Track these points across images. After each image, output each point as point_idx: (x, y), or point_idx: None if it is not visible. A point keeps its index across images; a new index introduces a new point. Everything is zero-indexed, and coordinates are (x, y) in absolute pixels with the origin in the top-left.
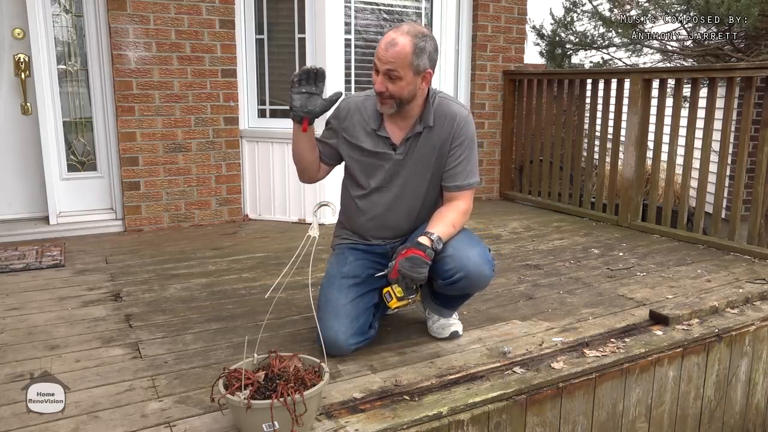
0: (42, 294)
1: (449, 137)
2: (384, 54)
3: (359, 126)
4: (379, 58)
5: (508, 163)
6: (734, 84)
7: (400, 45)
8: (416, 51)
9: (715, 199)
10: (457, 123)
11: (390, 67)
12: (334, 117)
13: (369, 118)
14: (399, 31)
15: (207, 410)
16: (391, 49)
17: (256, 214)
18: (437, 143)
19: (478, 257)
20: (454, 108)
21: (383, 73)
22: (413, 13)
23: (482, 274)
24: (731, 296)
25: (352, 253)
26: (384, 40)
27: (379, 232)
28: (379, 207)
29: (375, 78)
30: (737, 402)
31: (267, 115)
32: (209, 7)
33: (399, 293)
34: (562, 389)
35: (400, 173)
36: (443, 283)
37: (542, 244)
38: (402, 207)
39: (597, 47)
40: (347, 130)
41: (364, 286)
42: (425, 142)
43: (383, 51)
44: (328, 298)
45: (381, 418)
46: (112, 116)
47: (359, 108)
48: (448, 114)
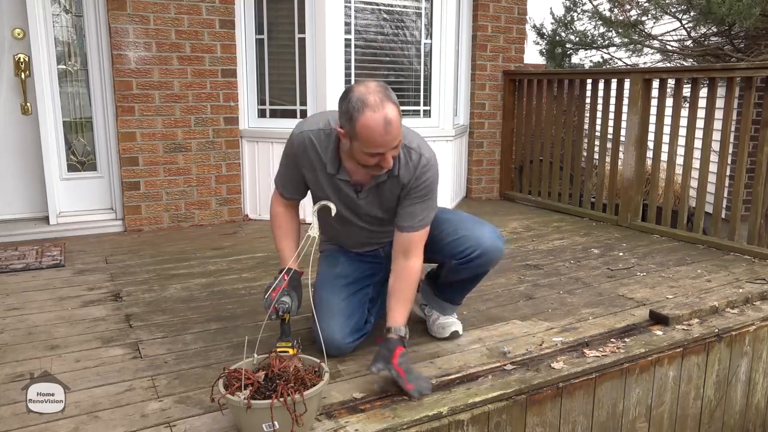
0: (42, 294)
1: (411, 179)
2: (386, 138)
3: (317, 165)
4: (382, 144)
5: (508, 163)
6: (734, 84)
7: (394, 118)
8: (398, 108)
9: (715, 199)
10: (421, 167)
11: (396, 143)
12: (291, 153)
13: (326, 160)
14: (378, 103)
15: (207, 410)
16: (392, 128)
17: (256, 214)
18: (400, 186)
19: (491, 233)
20: (423, 159)
21: (390, 152)
22: (413, 13)
23: (497, 248)
24: (731, 296)
25: (343, 254)
26: (375, 126)
27: (360, 247)
28: (360, 232)
29: (369, 159)
30: (737, 402)
31: (267, 115)
32: (209, 7)
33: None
34: (562, 389)
35: (371, 210)
36: (458, 263)
37: (542, 244)
38: (383, 226)
39: (597, 47)
40: (310, 164)
41: (356, 284)
42: (390, 186)
43: (384, 136)
44: (322, 298)
45: (381, 418)
46: (112, 116)
47: (314, 145)
48: (413, 158)
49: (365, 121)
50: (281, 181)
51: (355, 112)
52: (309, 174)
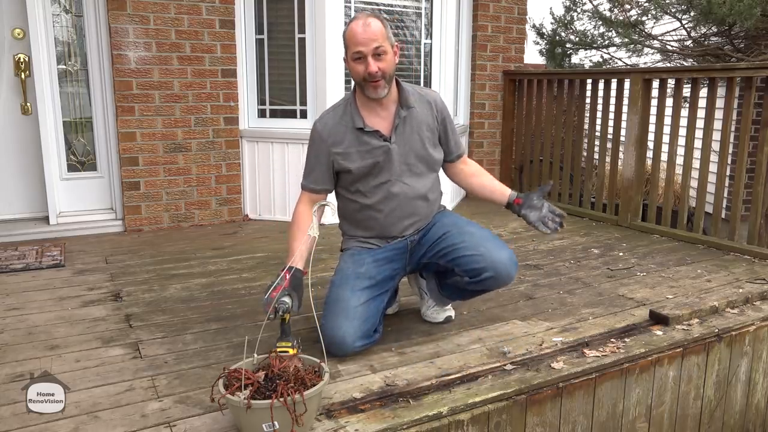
0: (42, 294)
1: (434, 117)
2: (364, 35)
3: (344, 134)
4: (361, 43)
5: (508, 163)
6: (734, 84)
7: (373, 23)
8: (385, 25)
9: (715, 199)
10: (436, 103)
11: (376, 44)
12: (317, 139)
13: (350, 120)
14: (362, 16)
15: (207, 410)
16: (369, 29)
17: (256, 214)
18: (422, 122)
19: (508, 260)
20: (426, 90)
21: (371, 54)
22: (413, 13)
23: (509, 276)
24: (731, 296)
25: (370, 255)
26: (355, 27)
27: (400, 222)
28: (395, 199)
29: (358, 67)
30: (737, 402)
31: (267, 115)
32: (209, 7)
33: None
34: (562, 389)
35: (402, 161)
36: (469, 281)
37: (542, 244)
38: (415, 191)
39: (597, 47)
40: (336, 145)
41: (377, 288)
42: (411, 122)
43: (363, 34)
44: (340, 297)
45: (381, 418)
46: (112, 116)
47: (335, 120)
48: (423, 96)
49: (350, 27)
50: (309, 175)
51: (345, 26)
52: (337, 148)
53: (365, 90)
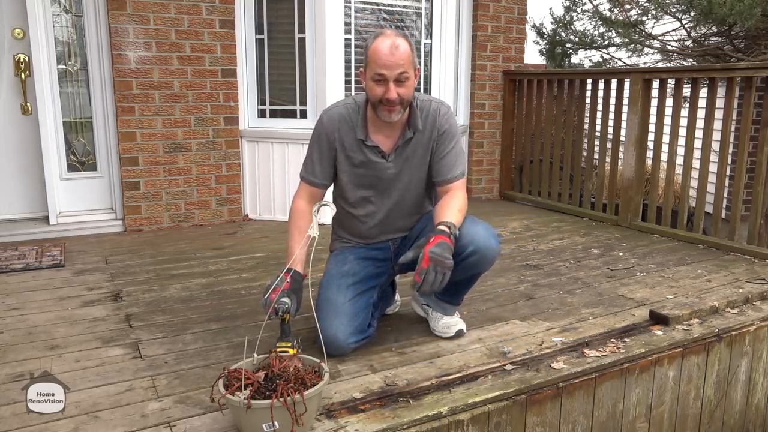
0: (42, 294)
1: (433, 131)
2: (391, 59)
3: (348, 134)
4: (386, 66)
5: (508, 163)
6: (734, 84)
7: (402, 46)
8: (412, 48)
9: (715, 199)
10: (440, 116)
11: (402, 70)
12: (322, 131)
13: (355, 127)
14: (391, 34)
15: (207, 410)
16: (397, 52)
17: (256, 214)
18: (427, 143)
19: (484, 231)
20: (434, 104)
21: (394, 80)
22: (413, 13)
23: (491, 246)
24: (731, 296)
25: (353, 252)
26: (382, 47)
27: (383, 235)
28: (380, 214)
29: (377, 89)
30: (737, 402)
31: (267, 115)
32: (209, 7)
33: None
34: (562, 389)
35: (398, 181)
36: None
37: (542, 244)
38: (403, 210)
39: (597, 47)
40: (340, 140)
41: (362, 284)
42: (416, 145)
43: (389, 57)
44: (327, 297)
45: (381, 418)
46: (112, 116)
47: (344, 118)
48: (430, 111)
49: (375, 44)
50: (309, 167)
51: (370, 39)
52: (338, 149)
53: (378, 111)
